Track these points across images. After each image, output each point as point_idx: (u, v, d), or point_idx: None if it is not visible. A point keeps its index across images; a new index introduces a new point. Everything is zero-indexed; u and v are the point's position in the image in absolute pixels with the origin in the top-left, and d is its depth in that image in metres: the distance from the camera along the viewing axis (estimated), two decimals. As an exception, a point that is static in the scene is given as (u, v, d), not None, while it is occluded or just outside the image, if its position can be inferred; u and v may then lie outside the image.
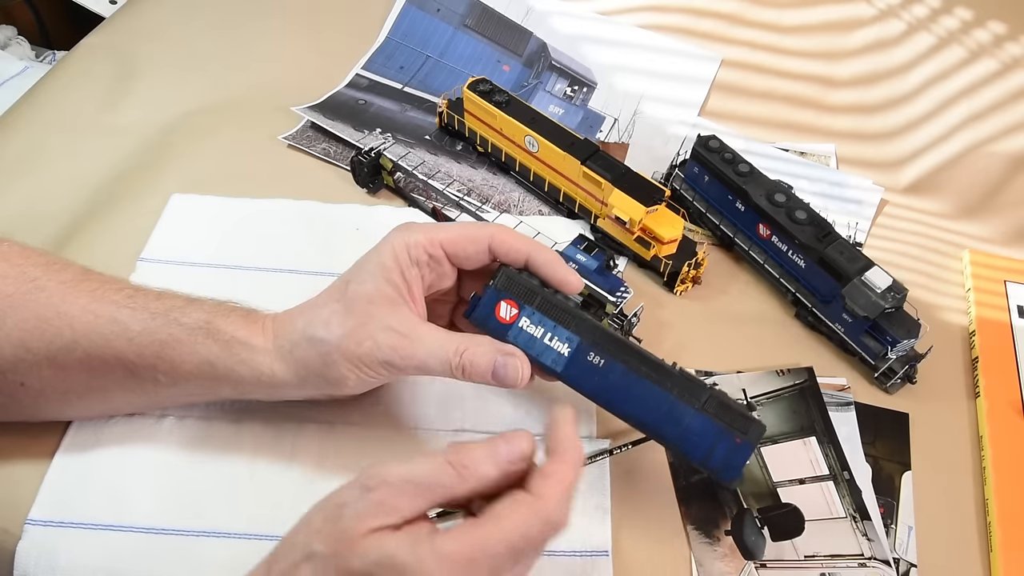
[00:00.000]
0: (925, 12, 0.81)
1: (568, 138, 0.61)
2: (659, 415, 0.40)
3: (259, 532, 0.45)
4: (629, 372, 0.40)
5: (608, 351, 0.40)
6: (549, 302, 0.41)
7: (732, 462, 0.40)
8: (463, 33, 0.78)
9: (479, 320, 0.42)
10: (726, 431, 0.40)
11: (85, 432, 0.47)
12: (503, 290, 0.41)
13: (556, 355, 0.41)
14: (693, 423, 0.40)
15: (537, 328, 0.41)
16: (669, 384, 0.40)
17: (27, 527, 0.43)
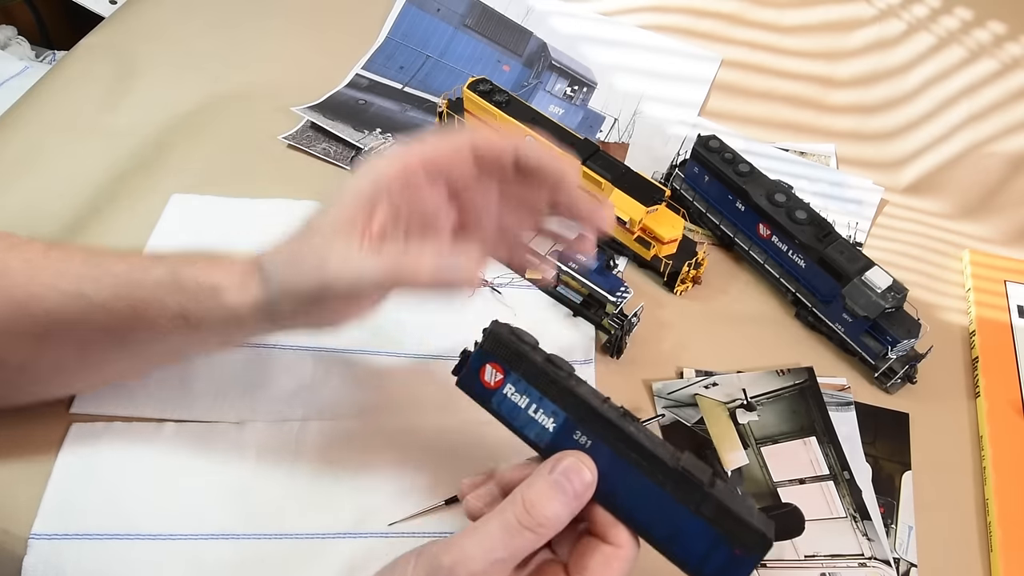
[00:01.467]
0: (925, 12, 0.81)
1: (568, 138, 0.61)
2: (648, 510, 0.35)
3: (266, 532, 0.45)
4: (617, 458, 0.35)
5: (596, 432, 0.36)
6: (536, 370, 0.37)
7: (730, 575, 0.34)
8: (463, 33, 0.78)
9: (466, 384, 0.38)
10: (724, 540, 0.34)
11: (84, 441, 0.47)
12: (489, 352, 0.37)
13: (540, 429, 0.37)
14: (686, 525, 0.34)
15: (522, 398, 0.37)
16: (662, 477, 0.34)
17: (32, 542, 0.43)
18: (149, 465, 0.46)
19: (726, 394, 0.54)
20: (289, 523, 0.45)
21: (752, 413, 0.53)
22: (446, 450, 0.49)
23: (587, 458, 0.35)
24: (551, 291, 0.58)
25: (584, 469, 0.35)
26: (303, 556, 0.44)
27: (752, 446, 0.52)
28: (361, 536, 0.45)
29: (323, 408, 0.50)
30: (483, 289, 0.58)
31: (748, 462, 0.51)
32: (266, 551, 0.44)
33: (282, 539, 0.45)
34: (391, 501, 0.46)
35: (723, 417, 0.53)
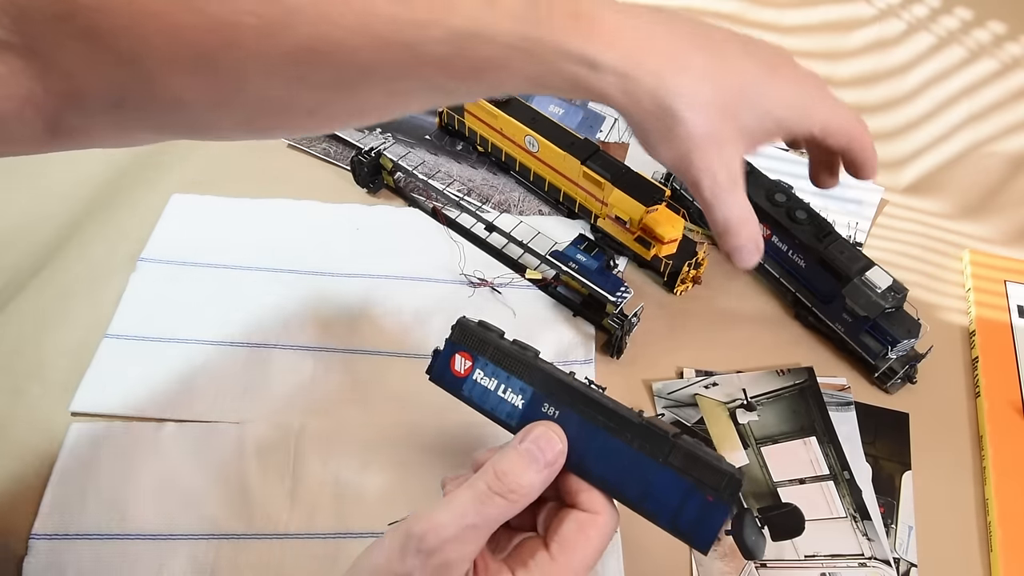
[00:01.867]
0: (925, 12, 0.81)
1: (568, 138, 0.61)
2: (619, 470, 0.35)
3: (266, 532, 0.45)
4: (584, 423, 0.36)
5: (563, 401, 0.36)
6: (502, 352, 0.38)
7: (705, 524, 0.33)
8: (463, 33, 0.78)
9: (437, 377, 0.39)
10: (694, 488, 0.33)
11: (84, 441, 0.47)
12: (458, 343, 0.39)
13: (511, 408, 0.37)
14: (657, 478, 0.34)
15: (491, 380, 0.38)
16: (629, 435, 0.35)
17: (32, 542, 0.43)
18: (149, 465, 0.46)
19: (726, 394, 0.54)
20: (289, 523, 0.45)
21: (752, 413, 0.53)
22: (446, 450, 0.49)
23: (556, 426, 0.36)
24: (551, 291, 0.58)
25: (553, 436, 0.35)
26: (303, 556, 0.44)
27: (752, 446, 0.52)
28: (361, 536, 0.45)
29: (323, 408, 0.50)
30: (483, 289, 0.58)
31: (748, 462, 0.51)
32: (266, 551, 0.44)
33: (282, 539, 0.45)
34: (391, 501, 0.46)
35: (723, 417, 0.53)
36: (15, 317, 0.53)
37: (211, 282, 0.55)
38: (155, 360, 0.51)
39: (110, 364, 0.50)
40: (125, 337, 0.52)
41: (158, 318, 0.53)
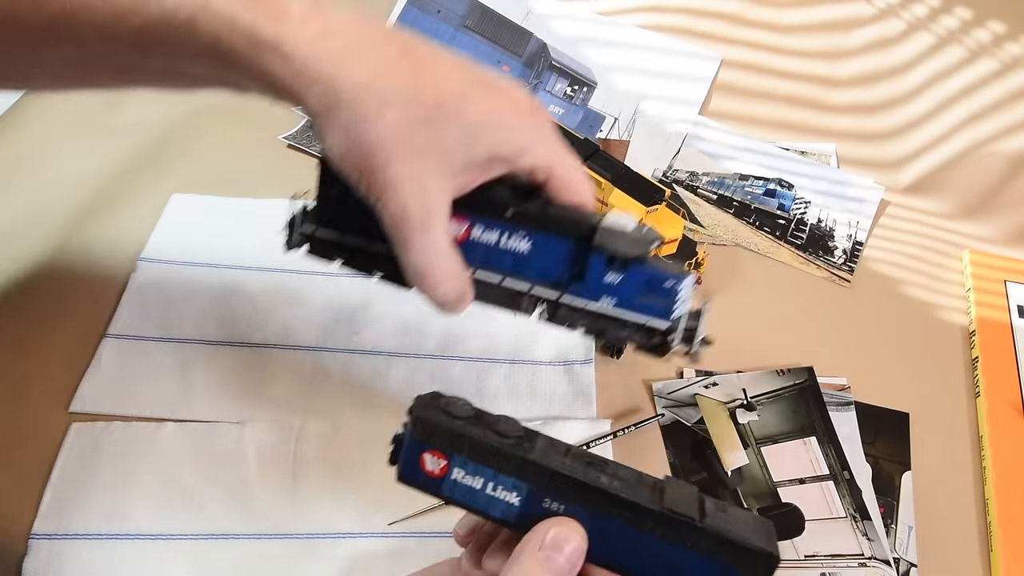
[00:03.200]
0: (925, 12, 0.81)
1: (568, 138, 0.61)
2: (642, 560, 0.32)
3: (266, 532, 0.45)
4: (598, 517, 0.32)
5: (565, 495, 0.32)
6: (482, 446, 0.32)
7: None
8: (463, 34, 0.78)
9: (407, 478, 0.34)
10: (727, 570, 0.31)
11: (84, 441, 0.47)
12: (424, 441, 0.33)
13: (505, 506, 0.33)
14: (685, 564, 0.31)
15: (475, 479, 0.33)
16: (650, 523, 0.31)
17: (32, 542, 0.43)
18: (149, 465, 0.46)
19: (726, 394, 0.54)
20: (289, 523, 0.45)
21: (752, 413, 0.53)
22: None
23: (571, 522, 0.32)
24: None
25: (572, 535, 0.31)
26: (303, 556, 0.44)
27: (752, 446, 0.52)
28: (361, 536, 0.45)
29: (323, 408, 0.50)
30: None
31: (748, 462, 0.51)
32: (266, 551, 0.44)
33: (282, 539, 0.45)
34: (391, 501, 0.46)
35: (723, 417, 0.53)
36: (15, 317, 0.53)
37: (211, 282, 0.55)
38: (155, 360, 0.51)
39: (110, 364, 0.50)
40: (125, 337, 0.52)
41: (158, 318, 0.53)
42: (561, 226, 0.38)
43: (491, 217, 0.38)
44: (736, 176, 0.70)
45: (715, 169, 0.70)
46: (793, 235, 0.66)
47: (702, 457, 0.51)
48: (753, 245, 0.65)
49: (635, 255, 0.37)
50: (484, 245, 0.38)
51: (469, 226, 0.38)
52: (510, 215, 0.38)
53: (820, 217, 0.67)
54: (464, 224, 0.38)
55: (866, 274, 0.64)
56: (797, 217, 0.67)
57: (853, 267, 0.64)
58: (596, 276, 0.38)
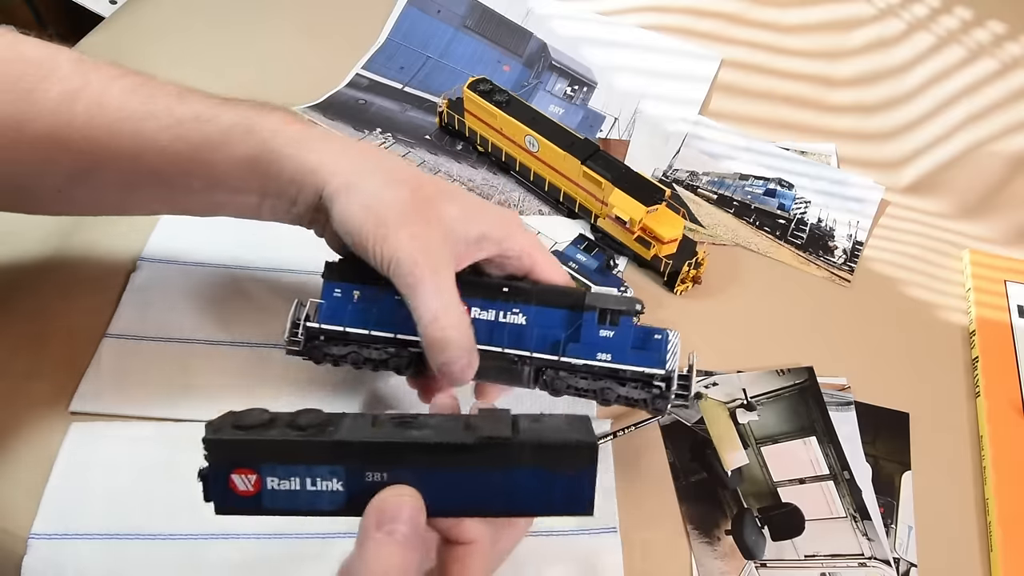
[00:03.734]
0: (925, 12, 0.81)
1: (568, 138, 0.61)
2: (477, 494, 0.32)
3: (266, 532, 0.45)
4: (421, 471, 0.31)
5: (383, 462, 0.31)
6: (286, 447, 0.31)
7: (577, 497, 0.32)
8: (463, 34, 0.78)
9: (223, 506, 0.32)
10: (553, 473, 0.32)
11: (84, 440, 0.47)
12: (224, 463, 0.31)
13: (330, 496, 0.32)
14: (517, 484, 0.32)
15: (290, 481, 0.32)
16: (471, 457, 0.31)
17: (31, 542, 0.43)
18: (149, 465, 0.46)
19: (726, 394, 0.54)
20: (289, 523, 0.45)
21: (752, 413, 0.53)
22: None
23: (399, 488, 0.31)
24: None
25: (403, 501, 0.31)
26: (303, 556, 0.44)
27: (752, 446, 0.52)
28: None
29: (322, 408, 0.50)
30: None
31: (748, 462, 0.51)
32: (266, 551, 0.44)
33: (282, 539, 0.45)
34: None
35: (723, 417, 0.53)
36: (15, 317, 0.53)
37: (211, 282, 0.55)
38: (155, 360, 0.51)
39: (110, 364, 0.50)
40: (125, 337, 0.52)
41: (158, 318, 0.53)
42: (553, 296, 0.43)
43: (488, 297, 0.43)
44: (736, 176, 0.70)
45: (715, 169, 0.70)
46: (793, 235, 0.66)
47: (702, 457, 0.51)
48: (753, 245, 0.65)
49: (623, 308, 0.42)
50: (484, 322, 0.43)
51: (468, 308, 0.42)
52: (506, 292, 0.43)
53: (820, 217, 0.67)
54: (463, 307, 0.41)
55: (866, 274, 0.64)
56: (797, 217, 0.67)
57: (853, 267, 0.64)
58: (591, 333, 0.42)
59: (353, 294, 0.43)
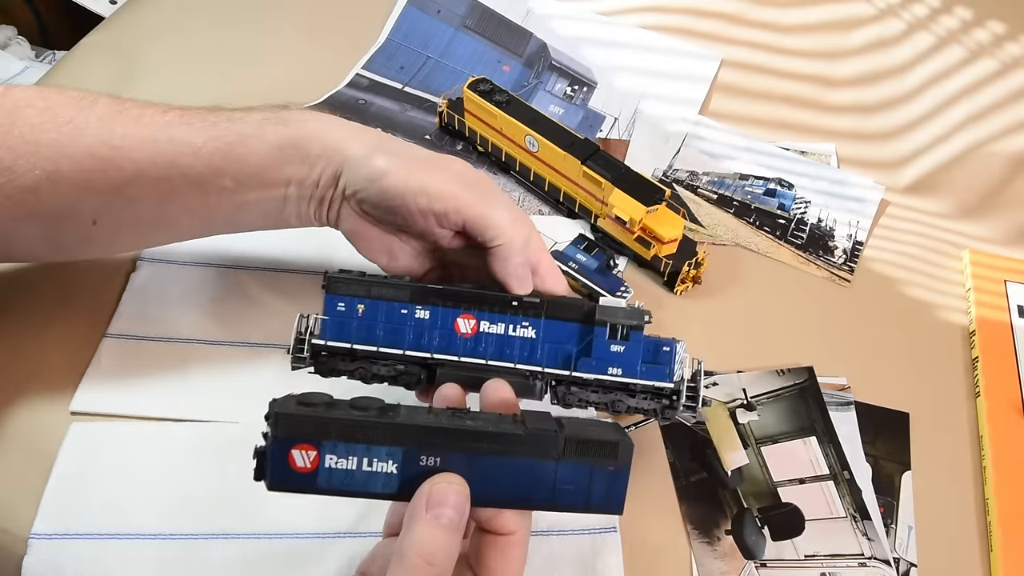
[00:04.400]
0: (925, 12, 0.81)
1: (568, 138, 0.61)
2: (522, 485, 0.34)
3: (266, 532, 0.45)
4: (472, 457, 0.33)
5: (438, 446, 0.33)
6: (349, 426, 0.33)
7: (613, 493, 0.35)
8: (463, 34, 0.78)
9: (278, 482, 0.33)
10: (595, 468, 0.34)
11: (84, 440, 0.47)
12: (288, 437, 0.33)
13: (384, 478, 0.33)
14: (561, 474, 0.34)
15: (349, 460, 0.33)
16: (519, 449, 0.34)
17: (31, 542, 0.43)
18: (149, 464, 0.46)
19: (726, 394, 0.54)
20: (289, 523, 0.45)
21: (752, 413, 0.53)
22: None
23: (450, 475, 0.33)
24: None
25: (453, 488, 0.33)
26: (303, 556, 0.44)
27: (752, 446, 0.52)
28: (361, 535, 0.45)
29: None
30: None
31: (748, 462, 0.51)
32: (266, 551, 0.44)
33: (282, 539, 0.45)
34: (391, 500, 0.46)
35: (723, 417, 0.53)
36: (15, 317, 0.53)
37: (211, 282, 0.55)
38: (155, 360, 0.51)
39: (110, 364, 0.50)
40: (125, 337, 0.52)
41: (158, 318, 0.53)
42: (563, 310, 0.43)
43: (497, 311, 0.43)
44: (736, 176, 0.70)
45: (715, 169, 0.70)
46: (793, 235, 0.66)
47: (702, 457, 0.51)
48: (753, 245, 0.65)
49: (634, 324, 0.42)
50: (494, 336, 0.43)
51: (477, 322, 0.43)
52: (515, 306, 0.43)
53: (820, 217, 0.67)
54: (472, 321, 0.43)
55: (866, 274, 0.64)
56: (797, 217, 0.67)
57: (853, 267, 0.64)
58: (602, 348, 0.42)
59: (357, 307, 0.43)
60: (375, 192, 0.43)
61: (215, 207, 0.45)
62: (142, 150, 0.42)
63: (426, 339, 0.43)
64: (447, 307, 0.43)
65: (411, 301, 0.43)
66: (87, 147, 0.42)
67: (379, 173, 0.42)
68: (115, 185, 0.42)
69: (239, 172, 0.43)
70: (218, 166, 0.43)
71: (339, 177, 0.44)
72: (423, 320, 0.43)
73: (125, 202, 0.43)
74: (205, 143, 0.43)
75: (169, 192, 0.43)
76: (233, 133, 0.43)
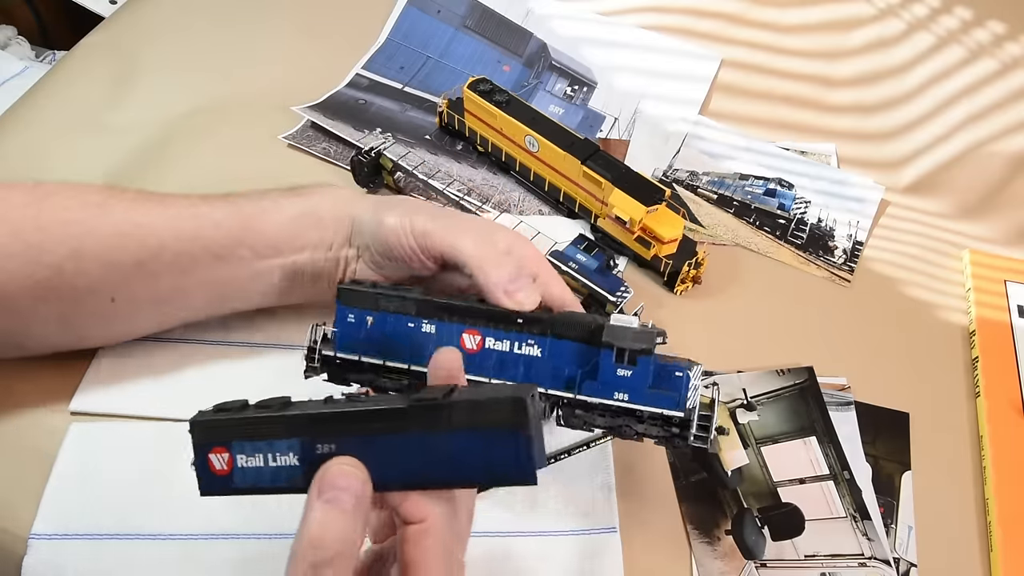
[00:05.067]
0: (925, 12, 0.81)
1: (568, 138, 0.61)
2: (418, 463, 0.32)
3: (266, 532, 0.45)
4: (363, 439, 0.32)
5: (332, 432, 0.33)
6: (251, 424, 0.34)
7: (519, 460, 0.31)
8: (463, 34, 0.78)
9: (208, 488, 0.35)
10: (490, 433, 0.31)
11: (83, 440, 0.47)
12: (204, 443, 0.34)
13: (289, 471, 0.33)
14: (455, 447, 0.31)
15: (256, 457, 0.34)
16: (408, 424, 0.32)
17: (31, 542, 0.43)
18: (149, 464, 0.46)
19: (726, 394, 0.54)
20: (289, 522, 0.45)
21: (752, 413, 0.53)
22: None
23: (344, 458, 0.32)
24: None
25: (346, 469, 0.31)
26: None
27: (752, 446, 0.52)
28: (361, 535, 0.45)
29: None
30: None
31: (748, 462, 0.51)
32: (266, 551, 0.44)
33: (282, 539, 0.45)
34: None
35: (723, 417, 0.53)
36: (15, 317, 0.53)
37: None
38: (155, 360, 0.51)
39: (110, 364, 0.50)
40: (125, 337, 0.52)
41: (158, 318, 0.53)
42: (569, 328, 0.41)
43: (502, 328, 0.42)
44: (736, 176, 0.70)
45: (715, 169, 0.70)
46: (793, 235, 0.66)
47: (702, 457, 0.51)
48: (753, 245, 0.65)
49: (642, 348, 0.39)
50: (498, 352, 0.42)
51: (482, 338, 0.42)
52: (520, 323, 0.41)
53: (820, 217, 0.67)
54: (477, 337, 0.42)
55: (866, 274, 0.64)
56: (797, 217, 0.67)
57: (853, 267, 0.64)
58: (608, 372, 0.40)
59: (367, 320, 0.43)
60: (379, 241, 0.45)
61: (230, 278, 0.47)
62: (166, 226, 0.45)
63: (431, 353, 0.41)
64: (452, 322, 0.42)
65: (418, 315, 0.43)
66: (113, 225, 0.44)
67: (380, 222, 0.45)
68: (137, 260, 0.44)
69: (257, 242, 0.46)
70: (238, 237, 0.45)
71: (351, 237, 0.47)
72: (429, 334, 0.42)
73: (145, 276, 0.44)
74: (226, 217, 0.46)
75: (189, 265, 0.45)
76: (253, 207, 0.46)
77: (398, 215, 0.45)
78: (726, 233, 0.65)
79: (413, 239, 0.44)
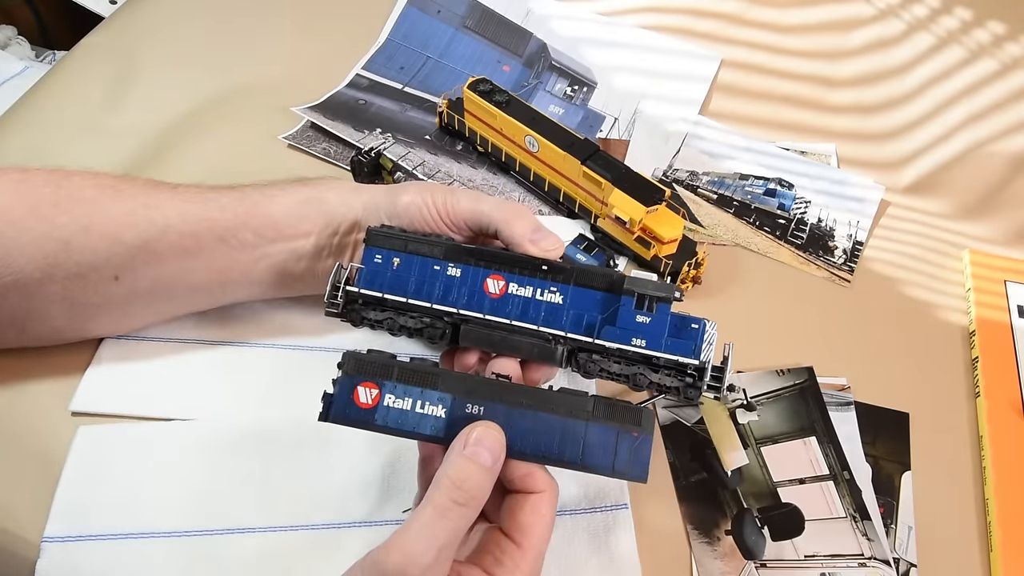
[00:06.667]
0: (925, 12, 0.81)
1: (568, 138, 0.61)
2: (554, 441, 0.38)
3: (281, 524, 0.45)
4: (510, 410, 0.38)
5: (483, 396, 0.38)
6: (409, 370, 0.39)
7: (638, 459, 0.38)
8: (463, 34, 0.78)
9: (339, 415, 0.39)
10: (622, 431, 0.38)
11: (93, 441, 0.47)
12: (355, 374, 0.39)
13: (433, 421, 0.38)
14: (590, 435, 0.38)
15: (405, 400, 0.38)
16: (552, 406, 0.38)
17: (44, 545, 0.43)
18: (159, 464, 0.46)
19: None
20: (304, 515, 0.45)
21: (752, 413, 0.53)
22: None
23: (491, 423, 0.37)
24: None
25: (493, 432, 0.37)
26: (319, 547, 0.45)
27: (752, 446, 0.52)
28: (376, 524, 0.45)
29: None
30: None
31: (748, 462, 0.51)
32: (282, 543, 0.45)
33: (297, 531, 0.45)
34: (393, 490, 0.46)
35: (723, 417, 0.53)
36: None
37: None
38: (155, 359, 0.51)
39: (110, 364, 0.50)
40: (125, 337, 0.52)
41: (158, 318, 0.53)
42: (592, 278, 0.43)
43: (526, 274, 0.43)
44: (736, 176, 0.70)
45: (715, 169, 0.70)
46: (793, 235, 0.66)
47: (702, 457, 0.51)
48: (753, 245, 0.65)
49: (661, 295, 0.42)
50: (521, 298, 0.43)
51: (506, 283, 0.43)
52: (545, 270, 0.43)
53: (820, 217, 0.67)
54: (501, 282, 0.43)
55: (866, 274, 0.64)
56: (797, 217, 0.67)
57: (853, 267, 0.64)
58: (627, 318, 0.42)
59: (393, 261, 0.44)
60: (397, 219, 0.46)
61: (233, 262, 0.47)
62: (173, 208, 0.46)
63: (454, 295, 0.43)
64: (478, 267, 0.44)
65: (444, 258, 0.44)
66: (123, 204, 0.45)
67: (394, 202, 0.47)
68: (143, 239, 0.45)
69: (262, 225, 0.46)
70: (243, 220, 0.46)
71: (360, 221, 0.47)
72: (454, 277, 0.44)
73: (149, 257, 0.45)
74: (232, 201, 0.47)
75: (193, 247, 0.46)
76: (259, 194, 0.48)
77: (413, 194, 0.46)
78: (726, 233, 0.65)
79: (436, 211, 0.45)
